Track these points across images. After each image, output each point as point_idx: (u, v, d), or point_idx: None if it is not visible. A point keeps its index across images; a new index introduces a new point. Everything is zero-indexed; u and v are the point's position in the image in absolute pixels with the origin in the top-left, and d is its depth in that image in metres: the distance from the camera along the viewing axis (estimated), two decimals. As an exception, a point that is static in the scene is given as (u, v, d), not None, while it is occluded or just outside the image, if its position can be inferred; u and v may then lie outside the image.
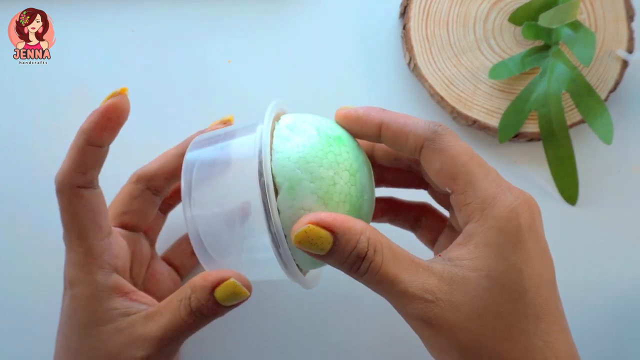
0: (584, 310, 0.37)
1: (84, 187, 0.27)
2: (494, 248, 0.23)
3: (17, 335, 0.35)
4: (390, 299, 0.24)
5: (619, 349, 0.36)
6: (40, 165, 0.38)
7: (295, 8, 0.41)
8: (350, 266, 0.24)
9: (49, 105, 0.39)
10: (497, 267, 0.23)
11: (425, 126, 0.26)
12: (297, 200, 0.24)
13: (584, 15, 0.38)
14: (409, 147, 0.26)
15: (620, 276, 0.37)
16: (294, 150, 0.25)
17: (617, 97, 0.39)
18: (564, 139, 0.37)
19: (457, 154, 0.25)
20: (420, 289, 0.23)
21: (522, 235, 0.24)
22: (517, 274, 0.23)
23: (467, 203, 0.25)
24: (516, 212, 0.24)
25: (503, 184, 0.25)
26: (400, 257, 0.24)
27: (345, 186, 0.25)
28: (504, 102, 0.38)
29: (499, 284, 0.23)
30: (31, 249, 0.37)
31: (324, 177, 0.24)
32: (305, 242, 0.23)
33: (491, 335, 0.23)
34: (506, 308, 0.23)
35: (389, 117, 0.27)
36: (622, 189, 0.38)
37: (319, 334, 0.36)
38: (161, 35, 0.40)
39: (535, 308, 0.23)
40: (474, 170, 0.25)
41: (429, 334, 0.24)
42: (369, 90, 0.40)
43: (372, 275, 0.23)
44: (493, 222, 0.24)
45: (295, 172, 0.24)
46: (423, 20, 0.38)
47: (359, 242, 0.23)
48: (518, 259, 0.23)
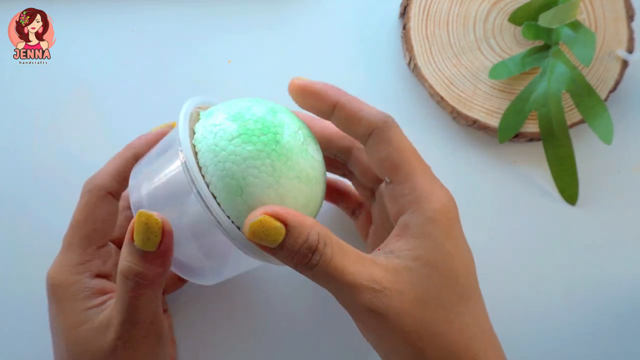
0: (584, 310, 0.37)
1: (113, 195, 0.29)
2: (430, 238, 0.25)
3: (17, 336, 0.35)
4: (339, 292, 0.25)
5: (619, 348, 0.36)
6: (40, 165, 0.38)
7: (295, 8, 0.41)
8: (300, 259, 0.24)
9: (49, 105, 0.39)
10: (435, 255, 0.25)
11: (378, 115, 0.27)
12: (230, 192, 0.24)
13: (584, 15, 0.38)
14: (359, 132, 0.28)
15: (620, 276, 0.37)
16: (213, 145, 0.25)
17: (617, 97, 0.39)
18: (564, 139, 0.37)
19: (403, 147, 0.27)
20: (368, 280, 0.24)
21: (452, 227, 0.26)
22: (452, 261, 0.26)
23: (404, 194, 0.27)
24: (448, 207, 0.26)
25: (437, 182, 0.27)
26: (348, 251, 0.25)
27: (271, 169, 0.25)
28: (504, 102, 0.38)
29: (438, 271, 0.25)
30: (31, 249, 0.37)
31: (256, 165, 0.24)
32: (259, 231, 0.23)
33: (432, 318, 0.25)
34: (444, 292, 0.25)
35: (345, 99, 0.28)
36: (622, 189, 0.38)
37: (319, 334, 0.36)
38: (161, 35, 0.40)
39: (466, 290, 0.26)
40: (415, 165, 0.27)
41: (375, 323, 0.25)
42: (368, 90, 0.40)
43: (323, 268, 0.24)
44: (430, 213, 0.26)
45: (219, 165, 0.24)
46: (423, 20, 0.38)
47: (310, 235, 0.24)
48: (451, 247, 0.26)
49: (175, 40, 0.40)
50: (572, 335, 0.36)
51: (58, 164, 0.38)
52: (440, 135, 0.39)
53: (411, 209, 0.26)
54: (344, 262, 0.24)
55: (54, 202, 0.37)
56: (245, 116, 0.25)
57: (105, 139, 0.38)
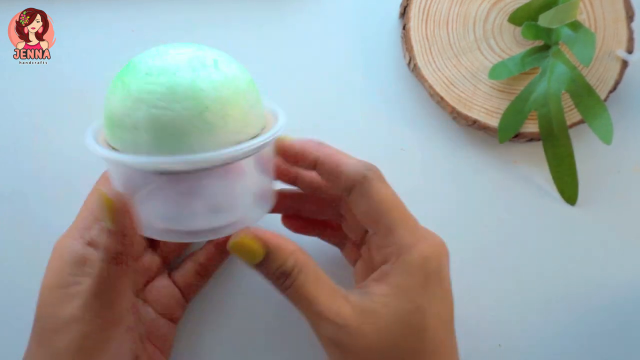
0: (583, 310, 0.37)
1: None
2: (404, 290, 0.27)
3: (17, 336, 0.35)
4: (307, 317, 0.27)
5: (619, 348, 0.36)
6: (40, 165, 0.38)
7: (295, 8, 0.41)
8: (275, 280, 0.26)
9: (49, 105, 0.39)
10: (405, 307, 0.26)
11: (356, 169, 0.28)
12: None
13: (583, 15, 0.38)
14: (341, 186, 0.29)
15: (620, 276, 0.37)
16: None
17: (617, 97, 0.39)
18: (563, 139, 0.37)
19: (382, 200, 0.28)
20: (334, 314, 0.26)
21: (429, 280, 0.27)
22: (421, 314, 0.26)
23: (385, 246, 0.28)
24: (427, 260, 0.27)
25: (419, 232, 0.28)
26: (323, 282, 0.26)
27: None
28: (504, 102, 0.38)
29: (404, 321, 0.26)
30: (31, 249, 0.37)
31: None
32: (239, 250, 0.26)
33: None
34: (407, 342, 0.26)
35: (323, 154, 0.29)
36: (622, 189, 0.38)
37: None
38: (161, 35, 0.40)
39: (434, 343, 0.27)
40: (395, 217, 0.28)
41: (336, 355, 0.26)
42: (368, 90, 0.40)
43: (293, 292, 0.26)
44: (406, 267, 0.27)
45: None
46: (423, 20, 0.38)
47: (286, 261, 0.26)
48: (423, 301, 0.27)
49: (175, 40, 0.40)
50: (572, 335, 0.37)
51: (58, 164, 0.38)
52: (440, 135, 0.39)
53: (391, 260, 0.27)
54: (315, 291, 0.26)
55: (54, 202, 0.37)
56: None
57: (105, 139, 0.38)
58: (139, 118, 0.24)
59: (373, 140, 0.39)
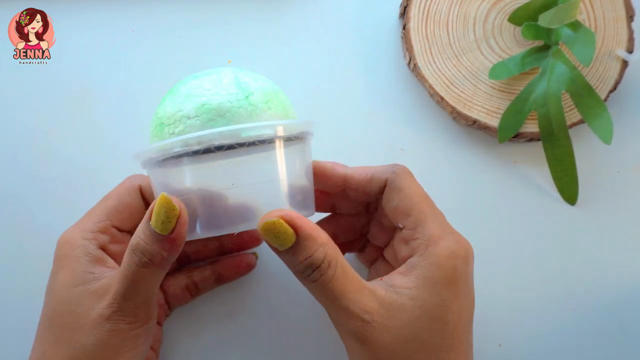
0: (583, 309, 0.37)
1: (142, 191, 0.31)
2: (431, 282, 0.26)
3: (17, 336, 0.35)
4: (331, 311, 0.27)
5: (619, 348, 0.36)
6: (40, 165, 0.38)
7: (295, 8, 0.41)
8: (302, 271, 0.25)
9: (49, 105, 0.39)
10: (431, 300, 0.26)
11: (385, 168, 0.29)
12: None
13: (583, 15, 0.38)
14: (374, 190, 0.30)
15: (620, 276, 0.37)
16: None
17: (617, 97, 0.39)
18: (563, 139, 0.37)
19: (413, 193, 0.28)
20: (360, 310, 0.25)
21: (456, 275, 0.27)
22: (445, 309, 0.26)
23: (414, 238, 0.28)
24: (455, 255, 0.27)
25: (447, 228, 0.28)
26: (350, 277, 0.26)
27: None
28: (504, 102, 0.38)
29: (429, 315, 0.26)
30: (31, 249, 0.37)
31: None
32: (270, 231, 0.24)
33: (411, 358, 0.26)
34: (430, 336, 0.26)
35: (352, 169, 0.30)
36: (622, 189, 0.38)
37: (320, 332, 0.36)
38: (161, 35, 0.40)
39: (452, 339, 0.27)
40: (426, 210, 0.28)
41: (357, 348, 0.26)
42: (368, 91, 0.40)
43: (319, 286, 0.25)
44: (435, 258, 0.27)
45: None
46: (423, 20, 0.38)
47: (316, 252, 0.25)
48: (449, 296, 0.26)
49: (175, 40, 0.40)
50: (572, 335, 0.37)
51: (58, 163, 0.38)
52: (440, 135, 0.39)
53: (419, 252, 0.27)
54: (344, 286, 0.25)
55: (54, 202, 0.37)
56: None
57: (105, 139, 0.38)
58: (191, 108, 0.26)
59: (373, 140, 0.39)
